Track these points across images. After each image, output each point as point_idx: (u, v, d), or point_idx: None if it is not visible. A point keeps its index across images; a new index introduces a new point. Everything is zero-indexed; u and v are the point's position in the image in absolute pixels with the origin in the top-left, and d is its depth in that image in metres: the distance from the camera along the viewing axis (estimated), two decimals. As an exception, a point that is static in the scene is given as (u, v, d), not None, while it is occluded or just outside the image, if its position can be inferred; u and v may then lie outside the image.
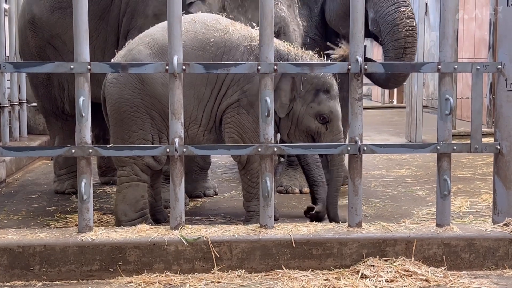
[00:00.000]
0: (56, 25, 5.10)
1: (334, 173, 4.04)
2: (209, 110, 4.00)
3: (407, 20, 4.76)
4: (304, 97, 3.98)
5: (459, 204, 4.69)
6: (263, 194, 3.48)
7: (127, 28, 4.89)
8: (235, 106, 3.96)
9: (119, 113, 3.94)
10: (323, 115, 3.99)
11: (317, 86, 3.98)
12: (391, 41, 4.79)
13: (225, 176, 6.22)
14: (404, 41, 4.75)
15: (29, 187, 5.63)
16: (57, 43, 5.13)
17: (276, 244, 3.38)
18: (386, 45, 4.83)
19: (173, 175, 3.48)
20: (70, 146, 3.47)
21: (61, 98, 5.30)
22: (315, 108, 3.98)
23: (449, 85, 3.52)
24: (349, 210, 3.56)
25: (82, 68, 3.41)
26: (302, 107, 3.99)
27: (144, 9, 4.83)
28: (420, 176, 6.02)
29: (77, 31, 3.41)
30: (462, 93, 10.56)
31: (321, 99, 3.98)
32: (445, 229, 3.52)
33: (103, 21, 4.97)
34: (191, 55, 3.88)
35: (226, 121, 3.99)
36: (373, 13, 4.87)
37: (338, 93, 4.06)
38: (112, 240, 3.35)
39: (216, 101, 3.99)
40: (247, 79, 3.88)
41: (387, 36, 4.81)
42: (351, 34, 3.47)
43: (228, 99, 3.97)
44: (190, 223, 3.78)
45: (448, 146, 3.52)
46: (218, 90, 3.97)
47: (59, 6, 5.08)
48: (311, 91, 3.98)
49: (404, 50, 4.76)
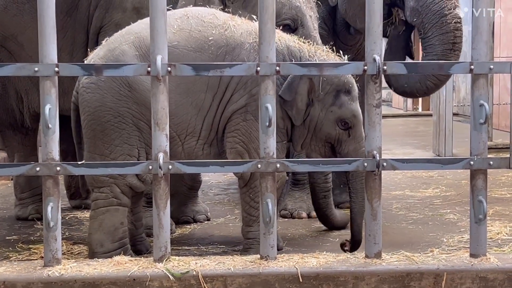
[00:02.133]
0: (10, 24, 5.02)
1: (357, 189, 4.06)
2: (210, 120, 4.02)
3: (454, 11, 4.80)
4: (324, 101, 4.02)
5: (497, 230, 4.68)
6: (264, 219, 3.48)
7: (100, 24, 4.88)
8: (242, 112, 3.99)
9: (99, 124, 3.94)
10: (345, 119, 4.04)
11: (337, 87, 4.02)
12: (438, 35, 4.82)
13: (219, 198, 6.22)
14: (453, 35, 4.80)
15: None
16: (12, 46, 5.08)
17: (279, 279, 3.37)
18: (430, 39, 4.86)
19: (157, 197, 3.48)
20: (34, 163, 3.47)
21: (20, 110, 5.28)
22: (336, 113, 4.03)
23: (483, 88, 3.53)
24: (367, 238, 3.56)
25: (49, 71, 3.42)
26: (321, 111, 4.03)
27: (121, 1, 4.83)
28: (451, 197, 6.02)
29: (42, 28, 3.42)
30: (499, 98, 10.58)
31: (342, 101, 4.03)
32: (481, 259, 3.52)
33: (70, 17, 4.95)
34: (187, 57, 3.90)
35: (229, 129, 4.02)
36: (413, 1, 4.90)
37: (358, 94, 4.10)
38: (84, 275, 3.35)
39: (219, 109, 4.01)
40: (256, 81, 3.89)
41: (432, 29, 4.84)
42: (367, 28, 3.48)
43: (233, 105, 4.00)
44: (177, 254, 3.78)
45: (484, 161, 3.52)
46: (221, 96, 4.00)
47: (15, 0, 5.02)
48: (331, 92, 4.03)
49: (452, 46, 4.80)
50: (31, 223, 5.20)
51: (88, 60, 4.02)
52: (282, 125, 4.02)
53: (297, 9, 4.72)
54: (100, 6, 4.88)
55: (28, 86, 5.12)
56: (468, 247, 3.67)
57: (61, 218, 3.48)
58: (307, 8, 4.84)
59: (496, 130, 9.49)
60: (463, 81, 12.80)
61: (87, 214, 4.88)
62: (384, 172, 3.61)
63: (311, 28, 4.79)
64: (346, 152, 4.07)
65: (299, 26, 4.74)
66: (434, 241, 4.51)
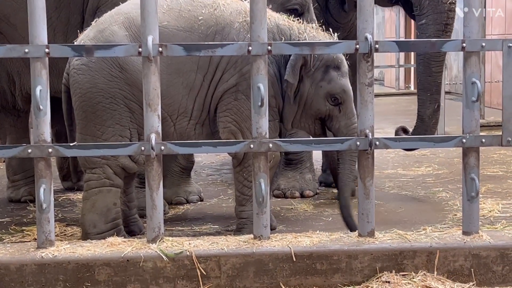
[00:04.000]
0: (3, 5, 4.97)
1: (346, 167, 4.08)
2: (201, 100, 4.01)
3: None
4: (313, 76, 4.04)
5: (489, 208, 4.71)
6: (257, 199, 3.49)
7: (96, 5, 4.86)
8: (233, 91, 4.00)
9: (90, 105, 3.93)
10: (335, 95, 4.06)
11: (327, 62, 4.04)
12: (432, 13, 4.86)
13: (211, 178, 6.23)
14: (446, 15, 4.85)
15: (-23, 195, 5.62)
16: (5, 28, 5.04)
17: (273, 258, 3.38)
18: (425, 18, 4.89)
19: (150, 178, 3.47)
20: (25, 145, 3.46)
21: (12, 92, 5.27)
22: (326, 88, 4.05)
23: (475, 66, 3.53)
24: (360, 216, 3.56)
25: (39, 52, 3.40)
26: (311, 87, 4.05)
27: None
28: (443, 175, 6.04)
29: (32, 8, 3.39)
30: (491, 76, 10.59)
31: (331, 77, 4.05)
32: (473, 237, 3.53)
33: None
34: (177, 37, 3.90)
35: (221, 109, 4.02)
36: None
37: (348, 70, 4.12)
38: (78, 256, 3.35)
39: (210, 88, 4.01)
40: (246, 60, 3.89)
41: (428, 7, 4.87)
42: (359, 6, 3.47)
43: (224, 84, 4.00)
44: (171, 235, 3.78)
45: (476, 139, 3.53)
46: (211, 75, 4.00)
47: None
48: (320, 68, 4.05)
49: (445, 27, 4.85)
50: (24, 205, 5.19)
51: (78, 41, 4.00)
52: (274, 104, 4.03)
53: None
54: None
55: (21, 68, 5.09)
56: (460, 225, 3.68)
57: (53, 199, 3.47)
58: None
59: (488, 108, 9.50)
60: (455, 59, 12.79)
61: (80, 196, 4.88)
62: (377, 151, 3.62)
63: (312, 13, 4.93)
64: (337, 127, 4.08)
65: (305, 11, 4.88)
66: (426, 219, 4.53)
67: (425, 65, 4.96)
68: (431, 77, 4.98)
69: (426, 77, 4.99)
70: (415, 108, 5.11)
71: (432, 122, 4.99)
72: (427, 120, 4.97)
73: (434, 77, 4.99)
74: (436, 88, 4.99)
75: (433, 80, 4.99)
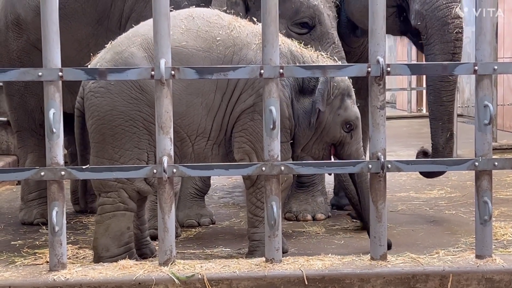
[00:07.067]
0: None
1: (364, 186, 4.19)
2: (219, 120, 4.03)
3: (457, 20, 4.85)
4: (332, 104, 4.12)
5: (502, 231, 4.67)
6: (268, 222, 3.48)
7: None
8: (250, 112, 4.02)
9: (109, 128, 3.91)
10: (350, 122, 4.16)
11: (343, 90, 4.15)
12: (439, 43, 4.86)
13: (223, 201, 6.22)
14: (453, 45, 4.85)
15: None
16: None
17: (285, 282, 3.37)
18: (432, 47, 4.89)
19: (162, 200, 3.47)
20: (38, 168, 3.47)
21: (42, 109, 5.32)
22: (343, 116, 4.15)
23: (488, 89, 3.53)
24: (372, 239, 3.55)
25: (53, 75, 3.42)
26: (329, 115, 4.13)
27: None
28: (456, 198, 6.01)
29: (46, 32, 3.42)
30: (504, 99, 10.57)
31: (347, 105, 4.16)
32: (487, 261, 3.51)
33: (101, 25, 5.08)
34: (196, 57, 3.92)
35: (237, 129, 4.04)
36: (418, 4, 4.91)
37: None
38: (90, 279, 3.35)
39: (228, 108, 4.02)
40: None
41: (434, 36, 4.87)
42: (371, 30, 3.48)
43: (242, 105, 4.02)
44: (183, 258, 3.77)
45: (488, 162, 3.51)
46: (229, 95, 4.01)
47: None
48: (338, 96, 4.14)
49: (452, 56, 4.85)
50: (36, 228, 5.20)
51: (93, 64, 3.98)
52: (288, 125, 4.05)
53: (314, 7, 4.90)
54: (131, 18, 4.96)
55: None
56: (473, 248, 3.66)
57: (66, 222, 3.48)
58: (325, 7, 4.99)
59: (500, 131, 9.47)
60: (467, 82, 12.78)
61: (92, 219, 4.89)
62: (389, 174, 3.61)
63: (328, 26, 4.95)
64: (348, 154, 4.17)
65: (316, 24, 4.92)
66: (439, 243, 4.50)
67: (435, 94, 4.96)
68: (442, 106, 4.97)
69: (437, 106, 4.98)
70: (427, 130, 5.10)
71: (446, 151, 4.97)
72: (441, 150, 4.95)
73: (445, 106, 4.98)
74: (448, 117, 4.98)
75: (444, 109, 4.97)
